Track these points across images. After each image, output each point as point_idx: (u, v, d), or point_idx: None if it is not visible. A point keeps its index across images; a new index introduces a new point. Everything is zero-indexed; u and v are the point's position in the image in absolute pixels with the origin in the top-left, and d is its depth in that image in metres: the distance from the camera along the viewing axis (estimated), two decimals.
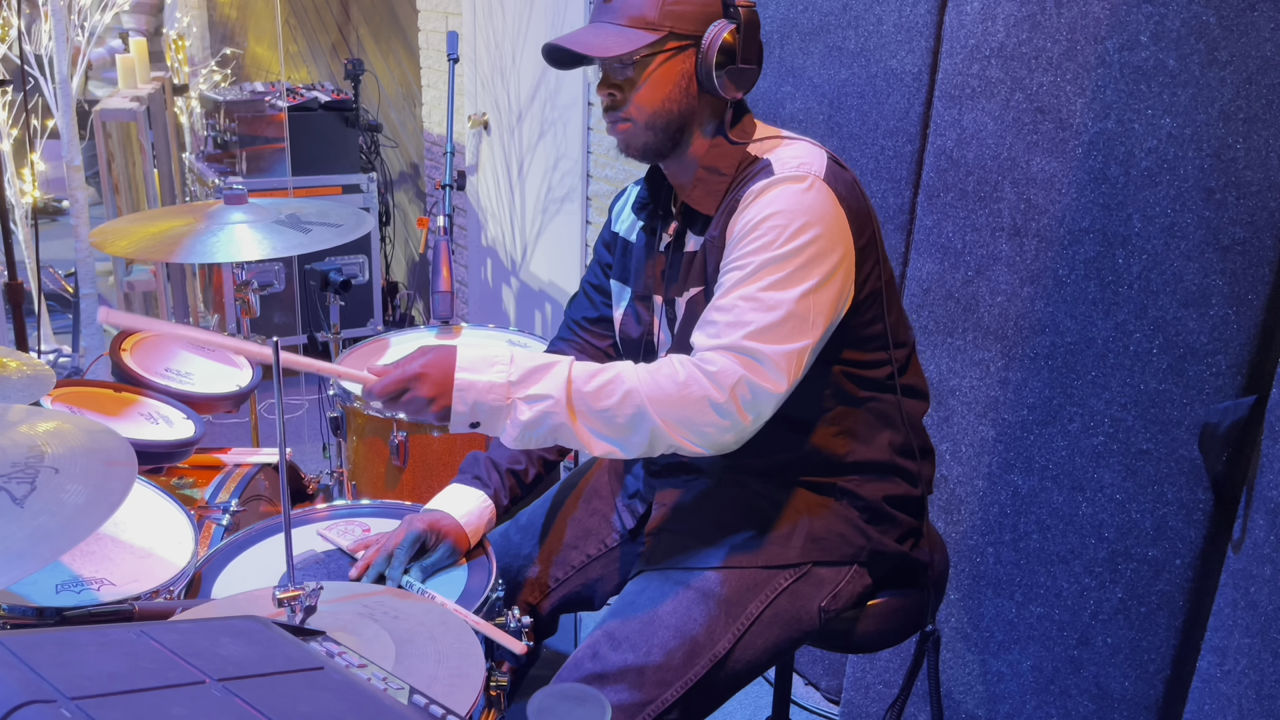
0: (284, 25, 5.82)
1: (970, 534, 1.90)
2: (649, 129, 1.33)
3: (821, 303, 1.25)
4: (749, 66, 1.31)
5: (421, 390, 1.23)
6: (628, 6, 1.28)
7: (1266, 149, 1.48)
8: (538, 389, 1.22)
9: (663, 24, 1.27)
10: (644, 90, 1.30)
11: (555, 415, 1.22)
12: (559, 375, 1.23)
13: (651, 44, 1.27)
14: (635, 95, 1.31)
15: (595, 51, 1.27)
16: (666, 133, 1.33)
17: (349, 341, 2.38)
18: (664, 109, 1.31)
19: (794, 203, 1.25)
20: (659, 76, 1.30)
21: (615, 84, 1.32)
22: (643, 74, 1.30)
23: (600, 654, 1.33)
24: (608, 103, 1.34)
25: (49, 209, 5.65)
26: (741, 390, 1.21)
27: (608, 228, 1.58)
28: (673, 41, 1.29)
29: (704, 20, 1.29)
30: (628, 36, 1.27)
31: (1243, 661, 1.39)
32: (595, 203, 3.24)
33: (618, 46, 1.26)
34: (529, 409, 1.22)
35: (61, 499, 0.99)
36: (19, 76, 3.32)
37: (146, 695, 0.68)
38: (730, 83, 1.30)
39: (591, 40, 1.28)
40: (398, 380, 1.24)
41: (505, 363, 1.23)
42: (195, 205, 2.33)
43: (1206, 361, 1.58)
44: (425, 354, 1.25)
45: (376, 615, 1.17)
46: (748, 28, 1.29)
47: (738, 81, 1.31)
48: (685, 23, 1.28)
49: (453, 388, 1.22)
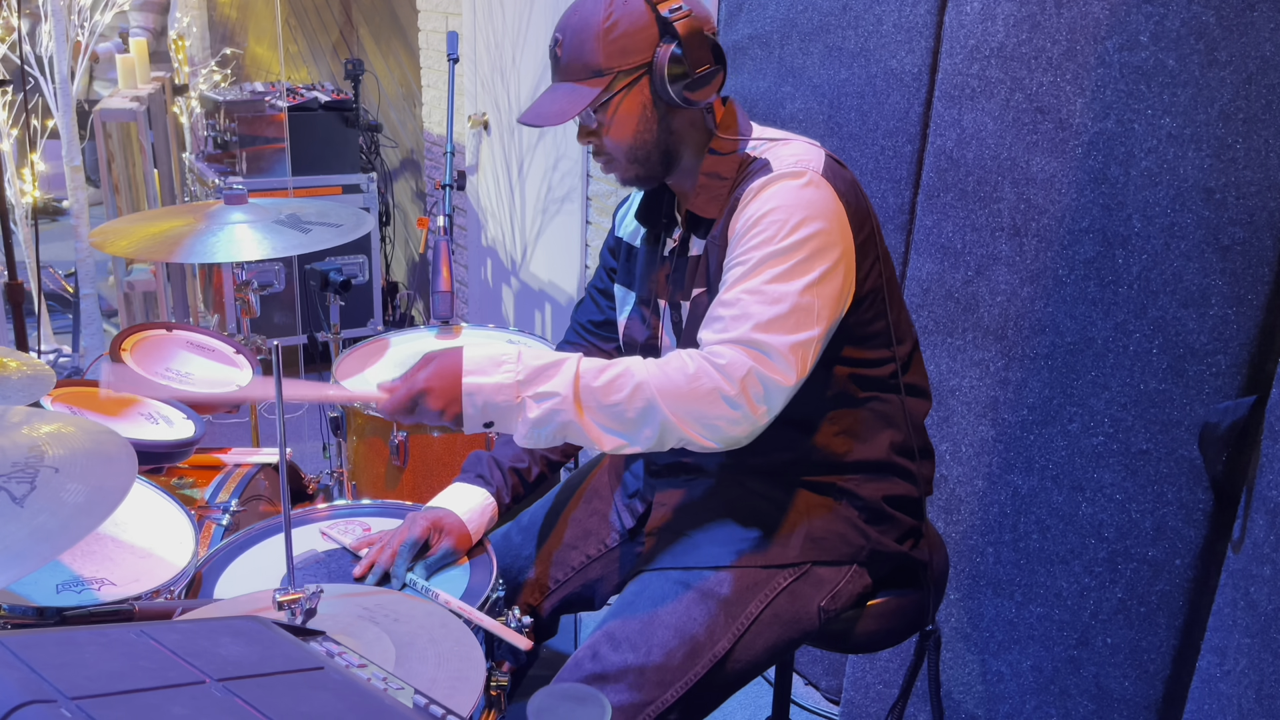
0: (284, 25, 5.82)
1: (970, 534, 1.90)
2: (632, 163, 1.36)
3: (825, 295, 1.26)
4: (706, 69, 1.31)
5: (431, 403, 1.24)
6: (573, 63, 1.31)
7: (1266, 149, 1.48)
8: (546, 387, 1.22)
9: (609, 67, 1.30)
10: (612, 131, 1.34)
11: (563, 412, 1.22)
12: (567, 372, 1.23)
13: (601, 92, 1.29)
14: (609, 138, 1.34)
15: (550, 120, 1.30)
16: (651, 160, 1.36)
17: (349, 341, 2.38)
18: (637, 141, 1.34)
19: (793, 198, 1.26)
20: (621, 115, 1.32)
21: (590, 132, 1.37)
22: (607, 116, 1.33)
23: (600, 654, 1.33)
24: (592, 149, 1.39)
25: (49, 209, 5.65)
26: (751, 382, 1.21)
27: (612, 233, 1.59)
28: (622, 80, 1.30)
29: (647, 46, 1.30)
30: (578, 94, 1.30)
31: (1243, 661, 1.39)
32: (595, 203, 3.24)
33: (571, 108, 1.29)
34: (537, 407, 1.22)
35: (61, 498, 0.99)
36: (19, 76, 3.32)
37: (146, 695, 0.68)
38: (693, 94, 1.31)
39: (548, 109, 1.32)
40: (407, 396, 1.24)
41: (513, 361, 1.23)
42: (195, 205, 2.33)
43: (1206, 361, 1.58)
44: (430, 363, 1.25)
45: (377, 618, 1.17)
46: (689, 40, 1.28)
47: (702, 89, 1.31)
48: (629, 56, 1.30)
49: (461, 394, 1.22)
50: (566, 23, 1.32)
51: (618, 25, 1.29)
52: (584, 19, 1.30)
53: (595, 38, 1.29)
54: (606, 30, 1.28)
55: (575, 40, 1.30)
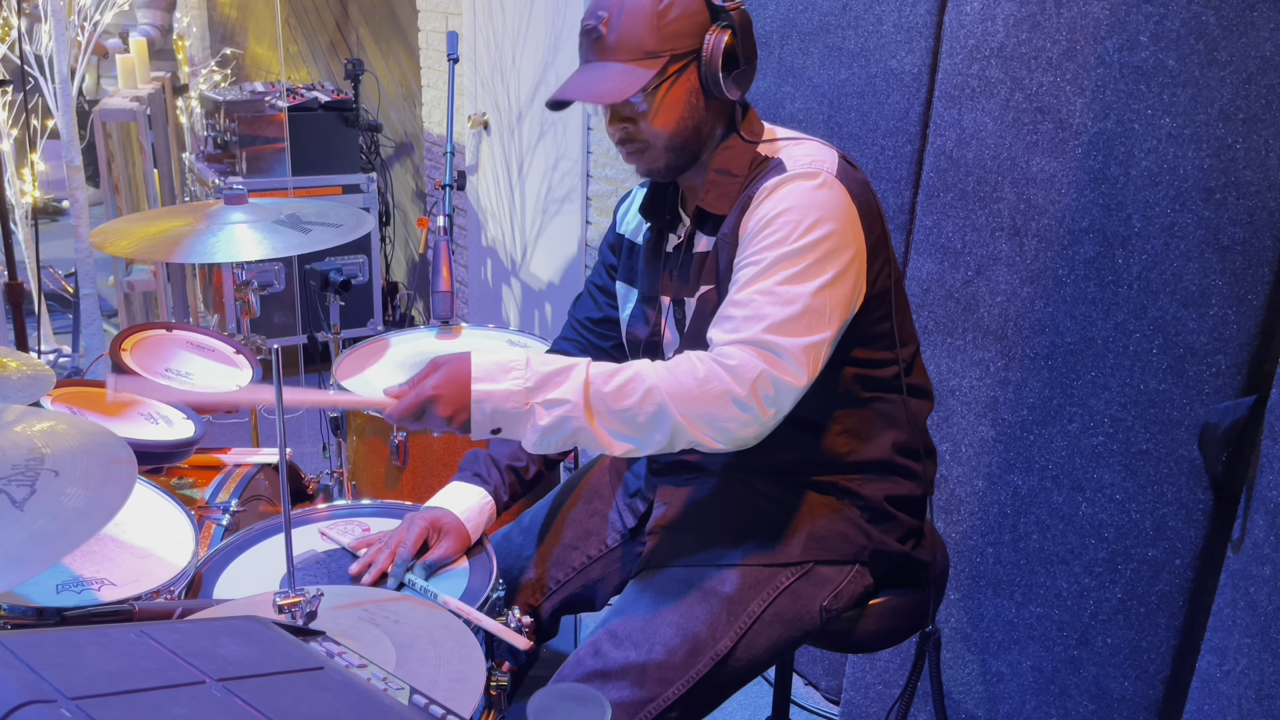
0: (284, 25, 5.82)
1: (970, 534, 1.90)
2: (669, 150, 1.34)
3: (837, 297, 1.26)
4: (749, 65, 1.32)
5: (439, 410, 1.23)
6: (625, 42, 1.28)
7: (1266, 149, 1.48)
8: (556, 394, 1.21)
9: (662, 49, 1.28)
10: (658, 117, 1.31)
11: (574, 419, 1.21)
12: (577, 378, 1.22)
13: (655, 74, 1.27)
14: (649, 124, 1.31)
15: (607, 99, 1.27)
16: (686, 150, 1.35)
17: (349, 341, 2.38)
18: (680, 128, 1.32)
19: (807, 199, 1.26)
20: (670, 100, 1.30)
21: (625, 118, 1.32)
22: (654, 102, 1.30)
23: (602, 651, 1.33)
24: (621, 136, 1.34)
25: (49, 209, 5.65)
26: (763, 384, 1.21)
27: (612, 230, 1.58)
28: (675, 64, 1.29)
29: (698, 32, 1.29)
30: (633, 75, 1.27)
31: (1243, 661, 1.39)
32: (595, 203, 3.24)
33: (627, 87, 1.26)
34: (548, 414, 1.21)
35: (61, 502, 0.99)
36: (19, 76, 3.32)
37: (146, 695, 0.68)
38: (736, 85, 1.31)
39: (598, 87, 1.28)
40: (415, 403, 1.24)
41: (521, 368, 1.23)
42: (195, 205, 2.33)
43: (1206, 361, 1.58)
44: (437, 370, 1.24)
45: (377, 620, 1.17)
46: (743, 28, 1.29)
47: (742, 82, 1.32)
48: (682, 40, 1.28)
49: (470, 401, 1.22)
50: (611, 1, 1.29)
51: (673, 8, 1.27)
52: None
53: (649, 17, 1.27)
54: (661, 12, 1.27)
55: (626, 19, 1.27)
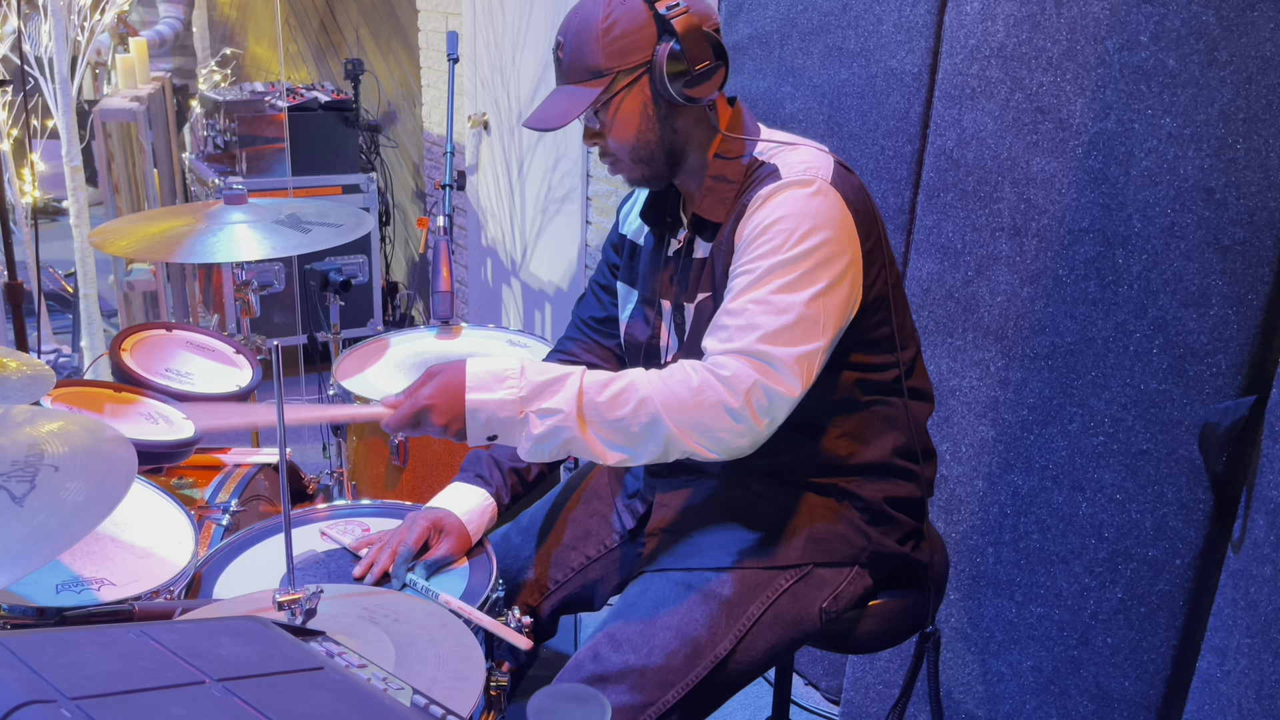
0: (284, 25, 5.82)
1: (970, 534, 1.90)
2: (636, 163, 1.36)
3: (831, 305, 1.25)
4: (706, 65, 1.30)
5: (435, 419, 1.24)
6: (575, 65, 1.31)
7: (1266, 149, 1.48)
8: (549, 403, 1.22)
9: (609, 67, 1.29)
10: (614, 131, 1.34)
11: (567, 429, 1.22)
12: (570, 388, 1.23)
13: (601, 93, 1.29)
14: (611, 139, 1.35)
15: (553, 122, 1.30)
16: (655, 160, 1.36)
17: (349, 341, 2.38)
18: (639, 141, 1.34)
19: (801, 207, 1.26)
20: (623, 115, 1.32)
21: (593, 134, 1.37)
22: (609, 117, 1.33)
23: (601, 655, 1.33)
24: (598, 151, 1.39)
25: (49, 209, 5.65)
26: (756, 394, 1.21)
27: (615, 229, 1.59)
28: (622, 79, 1.30)
29: (646, 45, 1.30)
30: (579, 96, 1.30)
31: (1243, 661, 1.39)
32: (595, 203, 3.24)
33: (573, 110, 1.29)
34: (541, 423, 1.22)
35: (61, 497, 0.99)
36: (19, 76, 3.32)
37: (146, 695, 0.68)
38: (693, 90, 1.30)
39: (550, 112, 1.32)
40: (410, 412, 1.25)
41: (515, 377, 1.23)
42: (195, 205, 2.33)
43: (1206, 361, 1.58)
44: (433, 378, 1.25)
45: (377, 618, 1.17)
46: (687, 37, 1.27)
47: (701, 85, 1.30)
48: (628, 56, 1.29)
49: (465, 411, 1.23)
50: (567, 25, 1.32)
51: (616, 25, 1.28)
52: (583, 21, 1.30)
53: (594, 39, 1.29)
54: (605, 30, 1.28)
55: (575, 42, 1.30)
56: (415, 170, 4.71)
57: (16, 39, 3.23)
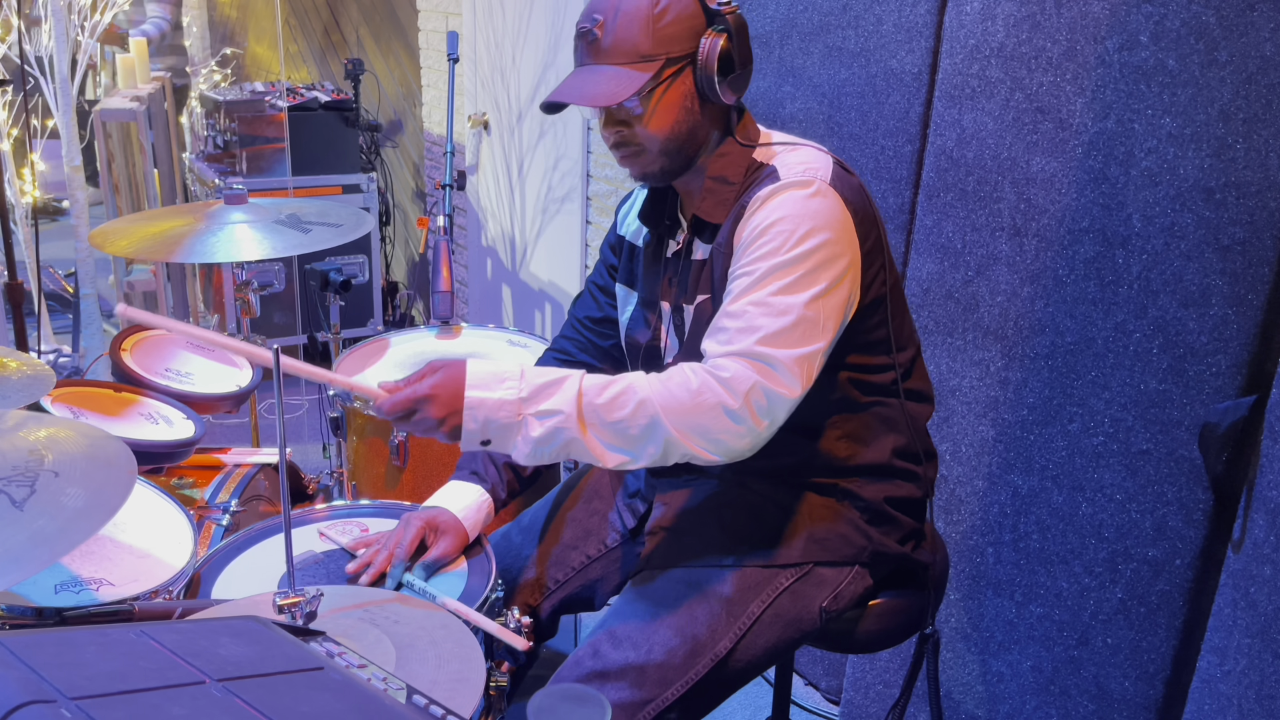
0: (284, 25, 5.82)
1: (970, 534, 1.90)
2: (664, 154, 1.33)
3: (830, 307, 1.25)
4: (745, 70, 1.31)
5: (431, 411, 1.22)
6: (620, 45, 1.27)
7: (1266, 149, 1.48)
8: (549, 405, 1.21)
9: (657, 53, 1.27)
10: (653, 120, 1.30)
11: (567, 430, 1.21)
12: (570, 390, 1.22)
13: (651, 78, 1.27)
14: (644, 127, 1.31)
15: (602, 101, 1.26)
16: (681, 154, 1.34)
17: (349, 341, 2.38)
18: (674, 132, 1.31)
19: (800, 208, 1.25)
20: (665, 104, 1.29)
21: (620, 121, 1.32)
22: (649, 105, 1.29)
23: (601, 652, 1.33)
24: (616, 139, 1.33)
25: (49, 209, 5.65)
26: (756, 396, 1.21)
27: (613, 230, 1.58)
28: (670, 67, 1.28)
29: (694, 36, 1.28)
30: (627, 78, 1.26)
31: (1243, 661, 1.39)
32: (595, 203, 3.24)
33: (622, 90, 1.25)
34: (540, 425, 1.21)
35: (61, 502, 0.99)
36: (19, 76, 3.32)
37: (146, 695, 0.68)
38: (731, 89, 1.31)
39: (593, 90, 1.27)
40: (408, 400, 1.23)
41: (515, 378, 1.23)
42: (195, 205, 2.33)
43: (1206, 361, 1.58)
44: (434, 373, 1.24)
45: (377, 620, 1.17)
46: (738, 32, 1.28)
47: (737, 87, 1.32)
48: (678, 44, 1.28)
49: (463, 407, 1.21)
50: (604, 5, 1.29)
51: (669, 10, 1.27)
52: (629, 1, 1.27)
53: (645, 20, 1.26)
54: (658, 15, 1.26)
55: (622, 22, 1.27)
56: (415, 170, 4.71)
57: (17, 39, 3.23)
